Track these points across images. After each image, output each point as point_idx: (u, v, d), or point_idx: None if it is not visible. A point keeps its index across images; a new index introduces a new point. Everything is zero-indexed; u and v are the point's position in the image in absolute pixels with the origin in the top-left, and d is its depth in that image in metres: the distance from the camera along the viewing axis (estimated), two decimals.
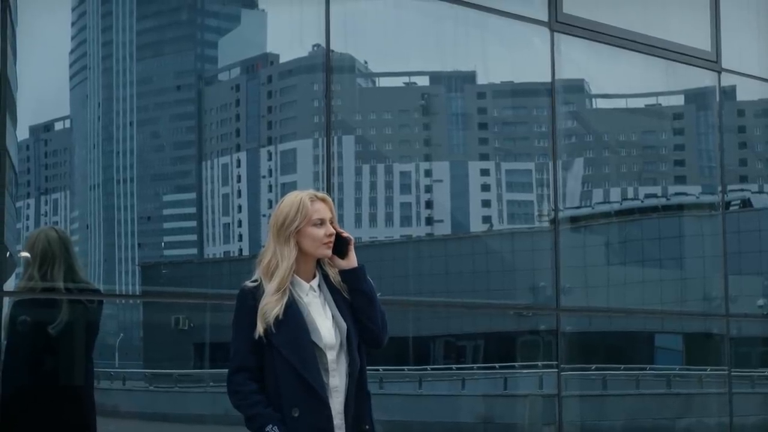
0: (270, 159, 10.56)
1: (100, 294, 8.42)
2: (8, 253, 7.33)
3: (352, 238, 4.54)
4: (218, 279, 9.83)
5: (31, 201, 9.57)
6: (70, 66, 10.24)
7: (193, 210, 10.30)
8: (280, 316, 4.27)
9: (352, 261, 4.45)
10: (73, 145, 10.13)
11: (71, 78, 10.30)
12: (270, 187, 10.60)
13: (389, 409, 9.28)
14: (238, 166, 10.45)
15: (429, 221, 10.73)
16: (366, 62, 10.34)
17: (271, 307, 4.27)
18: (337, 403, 4.33)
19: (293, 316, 4.32)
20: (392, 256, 10.23)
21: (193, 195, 10.34)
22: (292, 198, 4.40)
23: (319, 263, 4.46)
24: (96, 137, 10.36)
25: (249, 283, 4.48)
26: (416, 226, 10.77)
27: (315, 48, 10.36)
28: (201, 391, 9.03)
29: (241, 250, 10.13)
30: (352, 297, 4.46)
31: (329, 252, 4.44)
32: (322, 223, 4.36)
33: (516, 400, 9.80)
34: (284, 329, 4.25)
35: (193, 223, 10.29)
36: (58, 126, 10.18)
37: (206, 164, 10.76)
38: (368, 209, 10.55)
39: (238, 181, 10.36)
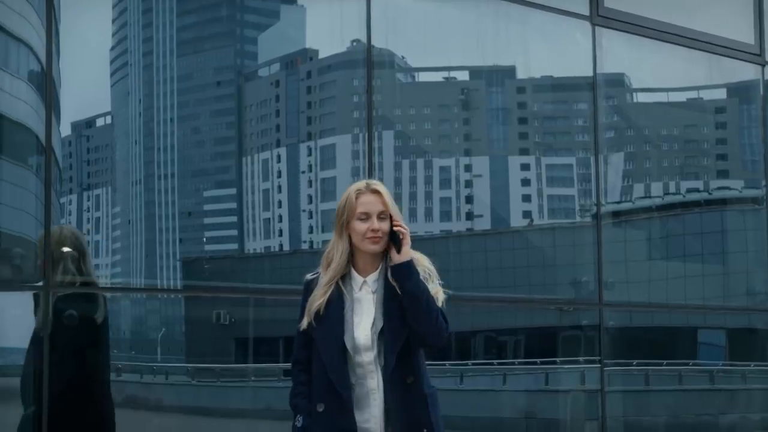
0: (310, 154, 10.58)
1: (144, 289, 8.49)
2: (64, 249, 7.40)
3: (405, 231, 4.24)
4: (259, 274, 9.86)
5: (74, 197, 9.64)
6: (111, 62, 10.30)
7: (233, 205, 10.34)
8: (322, 311, 4.23)
9: (402, 256, 4.19)
10: (115, 141, 10.20)
11: (112, 74, 10.36)
12: (310, 182, 10.61)
13: None
14: (279, 161, 10.47)
15: (469, 216, 10.70)
16: (405, 57, 10.34)
17: (314, 300, 4.26)
18: (374, 406, 4.24)
19: (334, 311, 4.24)
20: (432, 252, 10.19)
21: (233, 190, 10.37)
22: (347, 190, 4.35)
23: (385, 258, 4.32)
24: (137, 133, 10.42)
25: (309, 276, 4.47)
26: (456, 222, 10.74)
27: (354, 43, 10.36)
28: (243, 385, 9.06)
29: (281, 245, 10.15)
30: (401, 294, 4.28)
31: (374, 247, 4.25)
32: (367, 217, 4.20)
33: (558, 396, 9.75)
34: (323, 324, 4.22)
35: (234, 219, 10.32)
36: (100, 122, 10.25)
37: (246, 160, 10.79)
38: (408, 204, 10.55)
39: (279, 176, 10.38)
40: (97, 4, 9.08)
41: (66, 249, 7.45)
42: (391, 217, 4.26)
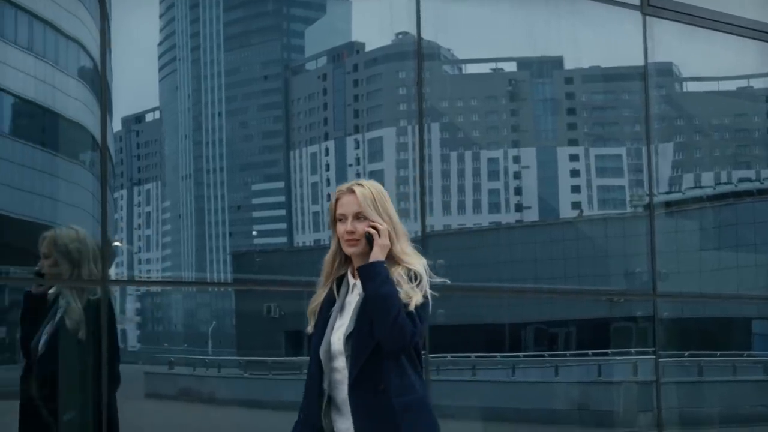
0: (357, 147, 10.58)
1: (194, 283, 8.52)
2: (115, 244, 7.44)
3: (374, 232, 3.90)
4: (309, 267, 9.85)
5: (124, 192, 9.72)
6: (159, 57, 10.36)
7: (282, 199, 10.37)
8: (316, 314, 4.12)
9: (371, 258, 3.91)
10: (164, 136, 10.26)
11: (160, 70, 10.43)
12: (358, 175, 10.62)
13: (483, 396, 9.26)
14: (327, 154, 10.48)
15: (518, 208, 10.66)
16: (452, 49, 10.31)
17: (312, 302, 4.17)
18: (348, 416, 4.00)
19: (322, 316, 4.08)
20: (481, 244, 10.18)
21: (281, 184, 10.40)
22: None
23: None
24: (186, 128, 10.47)
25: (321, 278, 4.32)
26: (505, 213, 10.70)
27: (400, 36, 10.35)
28: (295, 378, 9.09)
29: (330, 238, 10.16)
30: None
31: (351, 249, 3.96)
32: (344, 218, 4.00)
33: (611, 387, 9.69)
34: (315, 329, 4.11)
35: (283, 212, 10.35)
36: (149, 117, 10.31)
37: (294, 153, 10.82)
38: (456, 197, 10.52)
39: (327, 169, 10.39)
40: (145, 0, 9.14)
41: (117, 243, 7.48)
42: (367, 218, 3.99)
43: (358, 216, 3.96)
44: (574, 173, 10.67)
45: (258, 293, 9.03)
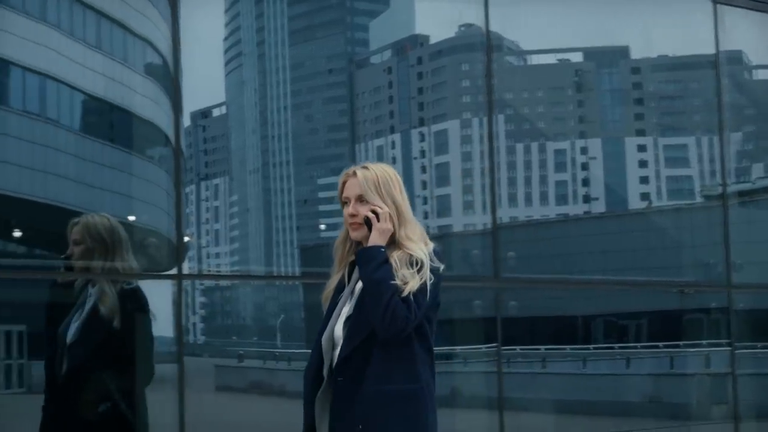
0: (422, 140, 10.57)
1: (264, 277, 8.55)
2: (185, 239, 7.48)
3: (372, 216, 3.75)
4: None
5: (193, 187, 9.79)
6: (225, 53, 10.44)
7: None
8: (329, 300, 4.03)
9: (369, 242, 3.80)
10: (230, 131, 10.33)
11: (226, 64, 10.50)
12: (423, 167, 10.61)
13: (553, 389, 9.19)
14: (393, 147, 10.49)
15: (586, 199, 10.57)
16: (517, 41, 10.25)
17: (326, 289, 4.04)
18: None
19: (331, 303, 4.00)
20: (549, 235, 10.11)
21: None
22: None
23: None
24: (253, 122, 10.54)
25: None
26: (573, 205, 10.63)
27: (463, 28, 10.32)
28: None
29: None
30: None
31: (356, 234, 3.86)
32: (347, 201, 3.89)
33: (684, 380, 9.56)
34: (324, 316, 4.01)
35: None
36: (215, 112, 10.40)
37: (360, 146, 10.84)
38: (523, 188, 10.47)
39: (393, 162, 10.39)
40: None
41: (188, 237, 7.50)
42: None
43: (361, 199, 3.82)
44: (642, 164, 10.56)
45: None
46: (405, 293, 3.65)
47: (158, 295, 7.28)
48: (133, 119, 8.43)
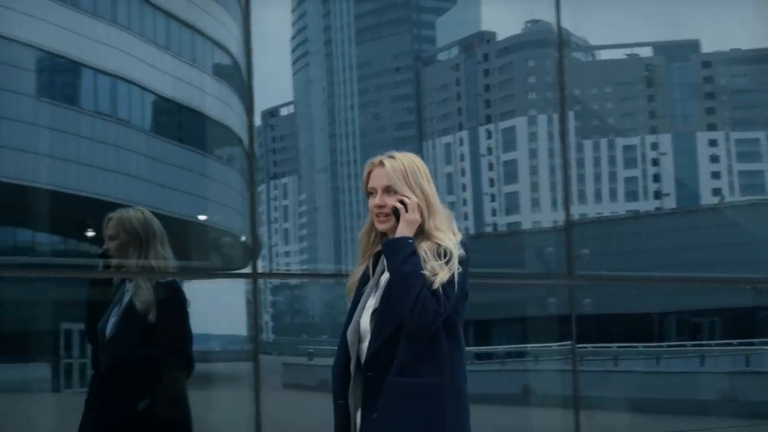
0: (489, 137, 10.53)
1: (335, 275, 8.55)
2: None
3: (400, 206, 3.63)
4: None
5: (263, 186, 9.85)
6: (292, 52, 10.48)
7: None
8: (353, 293, 3.93)
9: (397, 233, 3.69)
10: (298, 130, 10.37)
11: (293, 63, 10.54)
12: (491, 165, 10.57)
13: (626, 387, 9.10)
14: (461, 144, 10.46)
15: (657, 195, 10.45)
16: (585, 36, 10.17)
17: (349, 280, 3.93)
18: None
19: (355, 295, 3.90)
20: (619, 232, 10.01)
21: None
22: None
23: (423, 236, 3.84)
24: (321, 121, 10.57)
25: None
26: (643, 201, 10.51)
27: (529, 24, 10.26)
28: None
29: (467, 228, 10.13)
30: None
31: (382, 225, 3.76)
32: (373, 192, 3.79)
33: (761, 378, 9.41)
34: (349, 309, 3.92)
35: None
36: (283, 111, 10.45)
37: (427, 144, 10.83)
38: (592, 185, 10.39)
39: (461, 159, 10.36)
40: None
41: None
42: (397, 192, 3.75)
43: (388, 190, 3.70)
44: (714, 159, 10.41)
45: None
46: (435, 286, 3.56)
47: (232, 293, 7.34)
48: (203, 120, 8.51)
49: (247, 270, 6.73)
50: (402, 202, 3.67)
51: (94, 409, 4.44)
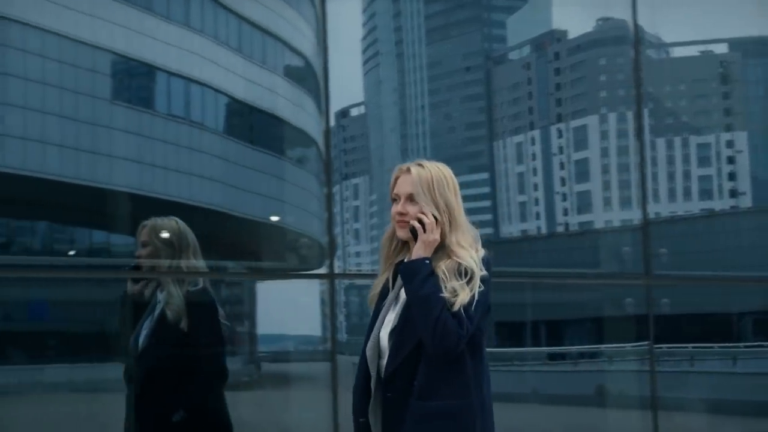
0: (560, 136, 10.45)
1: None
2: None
3: (418, 226, 3.46)
4: (516, 258, 9.81)
5: (336, 187, 9.87)
6: (363, 52, 10.49)
7: (487, 190, 10.33)
8: (374, 305, 3.78)
9: (412, 254, 3.54)
10: (369, 130, 10.38)
11: (364, 64, 10.55)
12: (562, 164, 10.49)
13: (705, 387, 8.99)
14: (532, 144, 10.40)
15: (732, 194, 10.31)
16: (657, 33, 10.06)
17: (372, 290, 3.76)
18: None
19: (376, 308, 3.74)
20: (694, 231, 9.89)
21: (486, 175, 10.37)
22: None
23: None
24: (391, 121, 10.57)
25: None
26: (718, 200, 10.37)
27: (600, 22, 10.17)
28: (506, 369, 9.05)
29: (539, 228, 10.08)
30: None
31: (402, 233, 3.59)
32: (397, 199, 3.63)
33: None
34: (369, 323, 3.77)
35: (488, 203, 10.32)
36: (354, 112, 10.47)
37: (498, 144, 10.77)
38: (666, 184, 10.27)
39: (533, 159, 10.30)
40: None
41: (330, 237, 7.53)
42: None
43: (412, 198, 3.58)
44: None
45: None
46: (456, 307, 3.37)
47: (307, 294, 7.39)
48: (276, 121, 8.55)
49: (323, 270, 6.76)
50: (420, 221, 3.55)
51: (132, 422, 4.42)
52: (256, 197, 8.31)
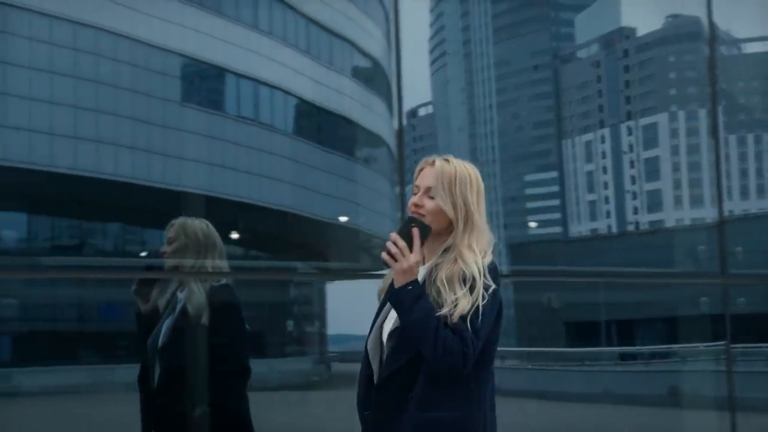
0: (630, 134, 10.36)
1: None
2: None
3: (387, 258, 3.21)
4: (586, 257, 9.75)
5: (408, 187, 9.85)
6: (430, 52, 10.50)
7: (556, 189, 10.29)
8: (382, 297, 3.63)
9: (394, 282, 3.53)
10: (437, 130, 10.38)
11: (431, 64, 10.56)
12: (632, 162, 10.40)
13: None
14: (602, 142, 10.32)
15: None
16: (728, 30, 9.92)
17: (383, 282, 3.62)
18: None
19: (381, 303, 3.58)
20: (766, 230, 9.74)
21: (555, 174, 10.32)
22: None
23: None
24: (460, 121, 10.56)
25: None
26: None
27: (670, 19, 10.06)
28: (578, 369, 8.99)
29: (609, 227, 10.01)
30: None
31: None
32: (416, 190, 3.50)
33: None
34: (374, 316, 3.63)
35: (557, 202, 10.27)
36: (422, 112, 10.48)
37: (567, 142, 10.71)
38: (739, 181, 10.14)
39: (603, 157, 10.22)
40: None
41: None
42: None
43: (429, 191, 3.45)
44: None
45: (535, 284, 8.95)
46: (455, 318, 3.20)
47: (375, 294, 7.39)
48: (345, 122, 8.57)
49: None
50: (389, 251, 3.35)
51: (150, 420, 4.40)
52: (327, 198, 8.34)
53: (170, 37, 7.54)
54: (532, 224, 10.12)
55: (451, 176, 3.50)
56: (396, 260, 3.22)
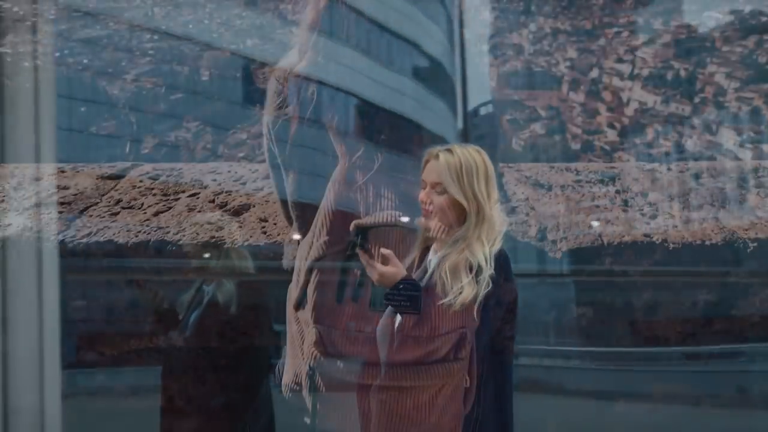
0: None
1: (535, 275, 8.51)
2: None
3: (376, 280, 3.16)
4: (649, 255, 9.68)
5: None
6: (489, 51, 10.50)
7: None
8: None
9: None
10: (497, 129, 10.38)
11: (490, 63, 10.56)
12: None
13: None
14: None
15: None
16: None
17: None
18: None
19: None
20: None
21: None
22: None
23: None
24: None
25: None
26: None
27: None
28: (643, 369, 8.93)
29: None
30: None
31: (423, 221, 3.45)
32: (423, 185, 3.47)
33: None
34: None
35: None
36: (483, 111, 10.46)
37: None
38: None
39: None
40: None
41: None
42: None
43: (436, 186, 3.44)
44: None
45: (599, 283, 8.93)
46: (457, 307, 3.19)
47: None
48: (405, 123, 8.57)
49: None
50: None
51: (170, 411, 4.43)
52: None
53: (230, 38, 7.59)
54: (594, 224, 10.11)
55: (457, 168, 3.57)
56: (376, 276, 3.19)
